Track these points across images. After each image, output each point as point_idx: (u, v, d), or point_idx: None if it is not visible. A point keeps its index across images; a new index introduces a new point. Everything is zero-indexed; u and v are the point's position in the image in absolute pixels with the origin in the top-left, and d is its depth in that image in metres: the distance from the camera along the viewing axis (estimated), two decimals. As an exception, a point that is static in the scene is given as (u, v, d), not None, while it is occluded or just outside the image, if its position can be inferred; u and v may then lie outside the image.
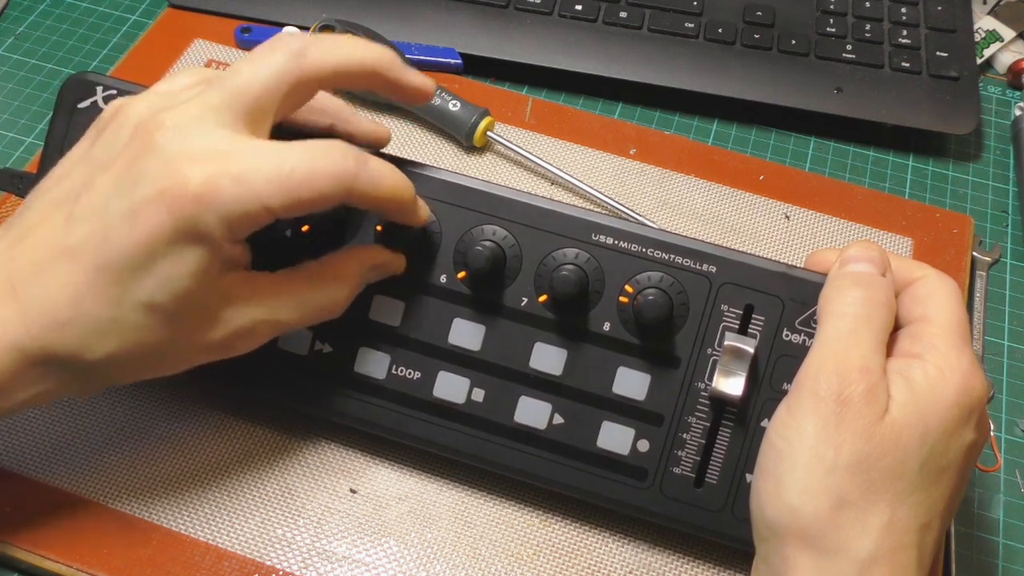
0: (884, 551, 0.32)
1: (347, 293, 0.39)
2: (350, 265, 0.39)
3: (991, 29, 0.67)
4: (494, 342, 0.41)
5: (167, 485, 0.42)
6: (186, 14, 0.62)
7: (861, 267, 0.37)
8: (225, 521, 0.42)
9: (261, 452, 0.43)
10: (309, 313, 0.38)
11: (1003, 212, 0.58)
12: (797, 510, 0.33)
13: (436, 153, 0.55)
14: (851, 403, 0.33)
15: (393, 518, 0.42)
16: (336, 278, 0.39)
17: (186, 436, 0.44)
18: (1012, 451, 0.48)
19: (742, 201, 0.54)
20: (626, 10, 0.62)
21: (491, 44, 0.61)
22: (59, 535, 0.40)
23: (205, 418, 0.44)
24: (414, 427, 0.42)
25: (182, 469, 0.43)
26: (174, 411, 0.44)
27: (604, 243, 0.41)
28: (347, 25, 0.56)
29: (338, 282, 0.39)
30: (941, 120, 0.59)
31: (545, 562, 0.41)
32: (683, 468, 0.40)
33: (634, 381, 0.40)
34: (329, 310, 0.39)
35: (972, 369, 0.35)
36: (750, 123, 0.61)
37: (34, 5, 0.65)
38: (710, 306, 0.40)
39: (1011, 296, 0.54)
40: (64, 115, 0.44)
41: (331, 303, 0.39)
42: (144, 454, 0.43)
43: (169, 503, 0.42)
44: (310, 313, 0.38)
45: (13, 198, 0.51)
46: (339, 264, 0.39)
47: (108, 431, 0.43)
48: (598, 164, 0.56)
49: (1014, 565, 0.45)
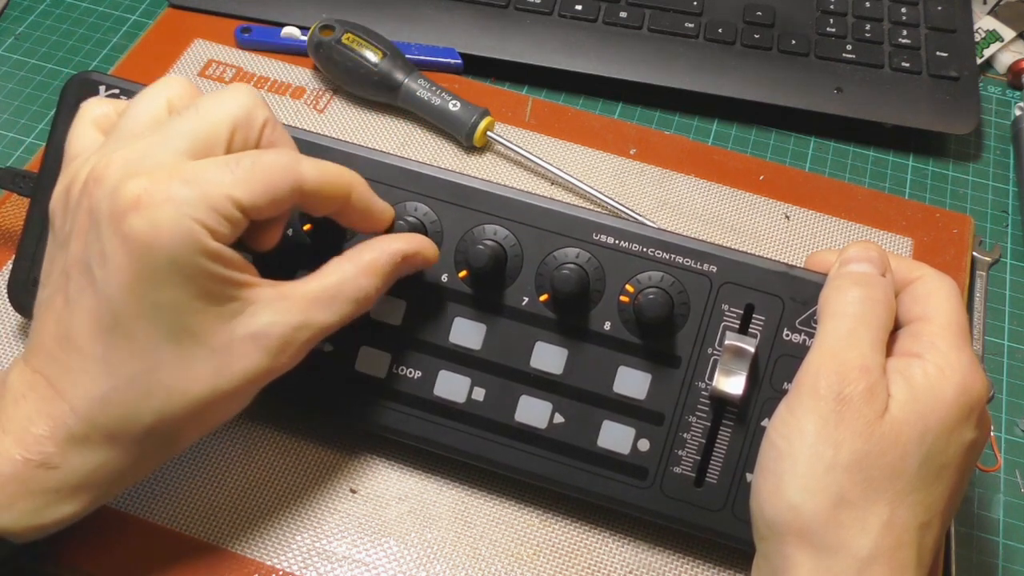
0: (883, 549, 0.32)
1: (379, 284, 0.38)
2: (378, 254, 0.38)
3: (991, 29, 0.67)
4: (495, 341, 0.41)
5: (167, 485, 0.42)
6: (186, 14, 0.62)
7: (861, 267, 0.38)
8: (225, 521, 0.42)
9: (261, 452, 0.43)
10: (343, 311, 0.37)
11: (1003, 212, 0.58)
12: (797, 508, 0.33)
13: (436, 153, 0.55)
14: (851, 402, 0.33)
15: (393, 518, 0.42)
16: (364, 271, 0.37)
17: (186, 436, 0.44)
18: (1012, 451, 0.48)
19: (742, 201, 0.54)
20: (626, 10, 0.62)
21: (491, 44, 0.61)
22: (57, 535, 0.40)
23: (205, 418, 0.44)
24: (414, 426, 0.42)
25: (181, 469, 0.43)
26: (174, 411, 0.44)
27: (605, 243, 0.41)
28: (347, 25, 0.56)
29: (367, 275, 0.37)
30: (941, 120, 0.59)
31: (545, 562, 0.41)
32: (683, 468, 0.40)
33: (635, 380, 0.40)
34: (363, 305, 0.37)
35: (972, 368, 0.35)
36: (750, 123, 0.61)
37: (34, 5, 0.65)
38: (711, 306, 0.40)
39: (1011, 296, 0.54)
40: (67, 114, 0.44)
41: (364, 297, 0.37)
42: (144, 453, 0.43)
43: (169, 503, 0.42)
44: (345, 311, 0.37)
45: (14, 197, 0.51)
46: (365, 254, 0.38)
47: (108, 430, 0.43)
48: (598, 164, 0.56)
49: (1014, 565, 0.45)
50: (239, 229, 0.34)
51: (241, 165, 0.34)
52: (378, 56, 0.55)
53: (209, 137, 0.35)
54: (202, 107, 0.35)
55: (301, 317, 0.36)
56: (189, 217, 0.32)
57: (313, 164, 0.36)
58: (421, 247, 0.39)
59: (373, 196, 0.39)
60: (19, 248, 0.44)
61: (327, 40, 0.56)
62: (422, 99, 0.55)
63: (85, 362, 0.33)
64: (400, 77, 0.55)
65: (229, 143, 0.35)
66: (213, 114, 0.35)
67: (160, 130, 0.35)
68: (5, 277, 0.47)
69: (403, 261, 0.39)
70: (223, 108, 0.35)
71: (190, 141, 0.34)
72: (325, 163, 0.37)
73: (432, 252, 0.40)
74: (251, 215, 0.34)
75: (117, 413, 0.34)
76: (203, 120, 0.35)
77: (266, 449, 0.44)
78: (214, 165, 0.34)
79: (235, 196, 0.33)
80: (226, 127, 0.35)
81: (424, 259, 0.40)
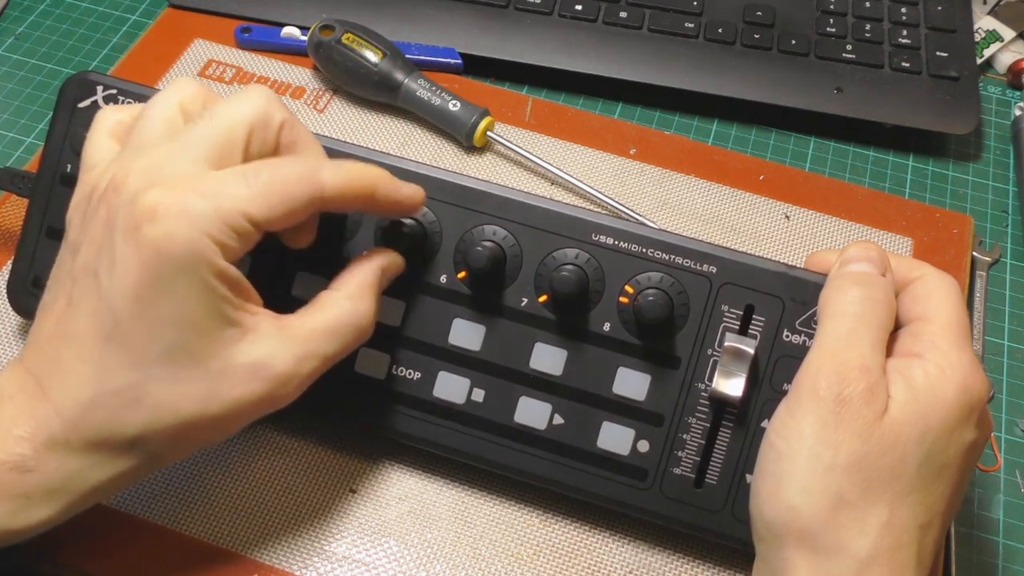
0: (883, 550, 0.32)
1: (373, 305, 0.38)
2: (363, 276, 0.38)
3: (991, 29, 0.67)
4: (494, 342, 0.41)
5: (167, 485, 0.42)
6: (186, 14, 0.62)
7: (861, 267, 0.37)
8: (225, 521, 0.42)
9: (261, 452, 0.44)
10: (347, 340, 0.37)
11: (1003, 212, 0.58)
12: (796, 509, 0.33)
13: (436, 153, 0.55)
14: (850, 403, 0.33)
15: (393, 518, 0.42)
16: (358, 296, 0.37)
17: (186, 436, 0.44)
18: (1012, 451, 0.48)
19: (742, 201, 0.54)
20: (626, 10, 0.62)
21: (491, 44, 0.61)
22: (57, 535, 0.40)
23: (205, 418, 0.44)
24: (414, 427, 0.42)
25: (181, 469, 0.43)
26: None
27: (604, 243, 0.41)
28: (347, 25, 0.56)
29: (361, 299, 0.37)
30: (941, 120, 0.59)
31: (545, 562, 0.41)
32: (683, 468, 0.40)
33: (634, 381, 0.40)
34: (365, 330, 0.38)
35: (972, 368, 0.34)
36: (750, 123, 0.61)
37: (34, 5, 0.65)
38: (710, 306, 0.40)
39: (1011, 296, 0.54)
40: (64, 115, 0.44)
41: (365, 323, 0.37)
42: (144, 454, 0.43)
43: (169, 503, 0.42)
44: (349, 340, 0.37)
45: (13, 198, 0.51)
46: (353, 280, 0.38)
47: (108, 431, 0.43)
48: (598, 164, 0.56)
49: (1014, 565, 0.45)
50: (251, 243, 0.34)
51: (260, 179, 0.34)
52: (378, 56, 0.55)
53: (226, 143, 0.35)
54: (217, 113, 0.35)
55: (305, 349, 0.35)
56: (202, 231, 0.32)
57: (334, 169, 0.36)
58: (392, 258, 0.40)
59: (399, 185, 0.38)
60: (18, 249, 0.44)
61: (327, 40, 0.56)
62: (422, 99, 0.55)
63: (77, 364, 0.33)
64: (400, 77, 0.55)
65: (247, 147, 0.35)
66: (229, 119, 0.35)
67: (177, 138, 0.35)
68: (4, 277, 0.47)
69: (383, 275, 0.39)
70: (239, 112, 0.35)
71: (207, 149, 0.34)
72: (347, 165, 0.36)
73: (399, 261, 0.40)
74: (265, 228, 0.34)
75: (101, 421, 0.33)
76: (219, 126, 0.35)
77: (266, 449, 0.44)
78: (231, 178, 0.34)
79: (249, 212, 0.33)
80: (243, 132, 0.35)
81: (397, 267, 0.40)
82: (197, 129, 0.35)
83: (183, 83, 0.37)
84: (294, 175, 0.35)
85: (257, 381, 0.34)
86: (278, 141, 0.36)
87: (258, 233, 0.34)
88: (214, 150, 0.34)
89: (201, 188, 0.33)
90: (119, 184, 0.33)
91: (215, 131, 0.35)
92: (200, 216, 0.32)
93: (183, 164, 0.34)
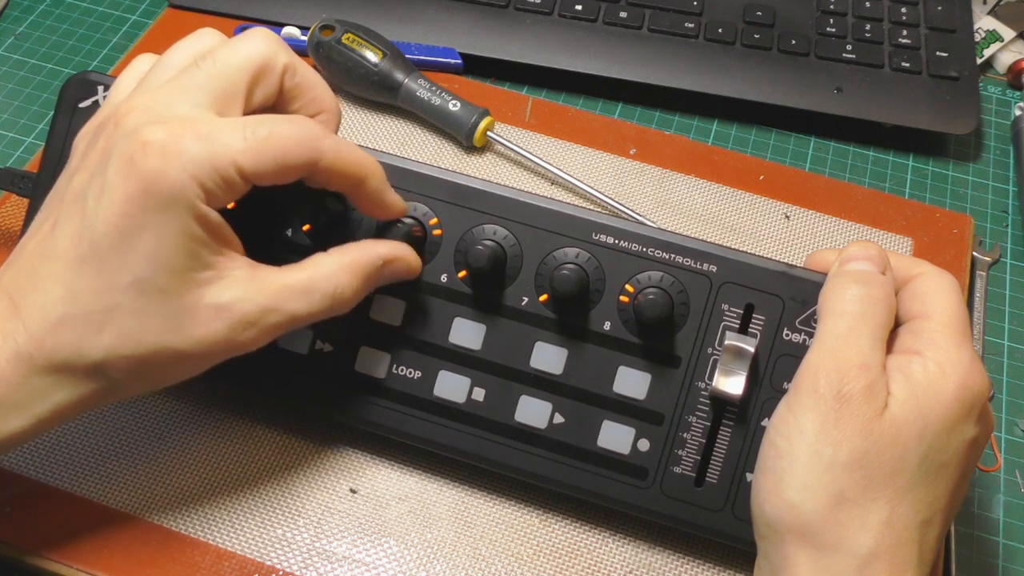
0: (884, 547, 0.32)
1: (357, 284, 0.38)
2: (359, 255, 0.38)
3: (991, 29, 0.67)
4: (495, 341, 0.41)
5: (167, 485, 0.42)
6: (186, 14, 0.62)
7: (861, 265, 0.37)
8: (225, 521, 0.42)
9: (261, 452, 0.43)
10: (317, 305, 0.37)
11: (1003, 212, 0.58)
12: (797, 507, 0.33)
13: (436, 153, 0.55)
14: (850, 400, 0.33)
15: (393, 518, 0.42)
16: (345, 268, 0.38)
17: (185, 437, 0.44)
18: (1012, 451, 0.48)
19: (742, 201, 0.54)
20: (626, 10, 0.62)
21: (491, 44, 0.61)
22: (57, 535, 0.40)
23: (204, 419, 0.44)
24: (414, 426, 0.42)
25: (182, 469, 0.43)
26: (173, 412, 0.44)
27: (605, 242, 0.41)
28: (347, 25, 0.56)
29: (347, 273, 0.38)
30: (941, 120, 0.59)
31: (545, 562, 0.41)
32: (683, 467, 0.40)
33: (634, 380, 0.40)
34: (339, 302, 0.37)
35: (972, 365, 0.35)
36: (750, 123, 0.61)
37: (34, 5, 0.65)
38: (710, 305, 0.40)
39: (1011, 296, 0.54)
40: (65, 115, 0.44)
41: (340, 294, 0.37)
42: (143, 455, 0.43)
43: (169, 503, 0.42)
44: (318, 305, 0.37)
45: (13, 197, 0.51)
46: (347, 253, 0.38)
47: (106, 432, 0.43)
48: (598, 164, 0.56)
49: (1014, 565, 0.45)
50: (237, 194, 0.35)
51: (258, 133, 0.34)
52: (378, 56, 0.55)
53: (228, 88, 0.36)
54: (220, 57, 0.36)
55: (272, 301, 0.36)
56: (191, 174, 0.33)
57: (334, 144, 0.36)
58: (405, 254, 0.40)
59: (387, 188, 0.39)
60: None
61: (327, 40, 0.56)
62: (422, 99, 0.55)
63: (50, 283, 0.34)
64: (400, 77, 0.55)
65: (249, 92, 0.36)
66: (231, 64, 0.36)
67: (180, 78, 0.36)
68: (5, 277, 0.47)
69: (385, 266, 0.39)
70: (240, 57, 0.36)
71: (209, 92, 0.35)
72: (348, 145, 0.37)
73: (416, 262, 0.40)
74: (253, 181, 0.35)
75: (66, 342, 0.34)
76: (221, 70, 0.36)
77: (266, 449, 0.44)
78: (230, 127, 0.34)
79: (240, 163, 0.34)
80: (244, 77, 0.36)
81: (407, 267, 0.40)
82: (200, 72, 0.36)
83: (205, 33, 0.38)
84: (294, 136, 0.35)
85: (219, 321, 0.35)
86: (282, 84, 0.37)
87: (245, 185, 0.35)
88: (215, 93, 0.35)
89: (199, 131, 0.34)
90: (121, 118, 0.35)
91: (216, 76, 0.35)
92: (192, 159, 0.33)
93: (184, 106, 0.35)
